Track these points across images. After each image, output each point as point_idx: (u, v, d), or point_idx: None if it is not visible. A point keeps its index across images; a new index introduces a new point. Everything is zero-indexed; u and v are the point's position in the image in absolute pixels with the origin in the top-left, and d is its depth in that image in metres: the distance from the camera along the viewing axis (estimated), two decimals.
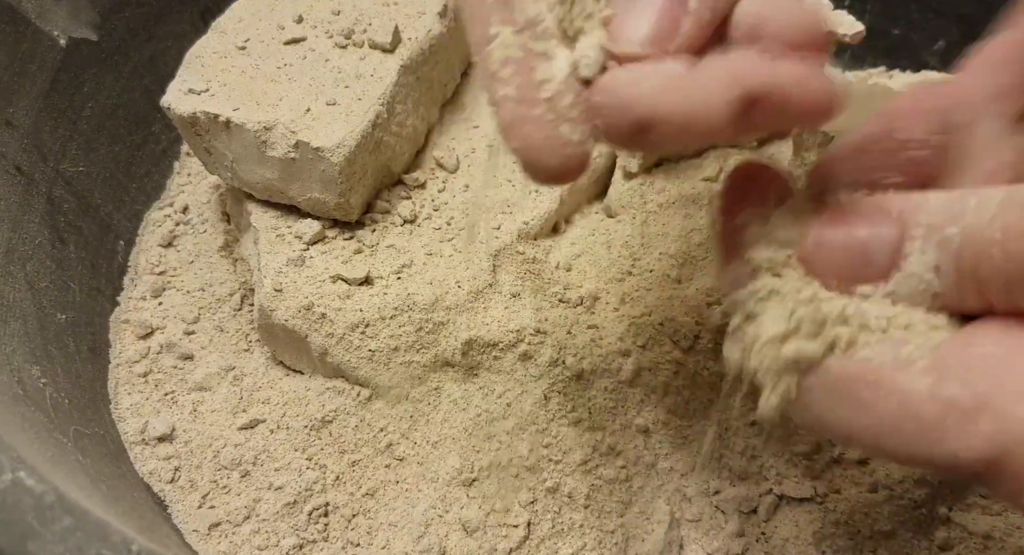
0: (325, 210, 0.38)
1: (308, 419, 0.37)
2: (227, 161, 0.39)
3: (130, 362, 0.40)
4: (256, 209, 0.40)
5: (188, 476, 0.37)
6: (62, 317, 0.39)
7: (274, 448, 0.37)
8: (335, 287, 0.37)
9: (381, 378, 0.37)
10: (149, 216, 0.47)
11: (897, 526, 0.34)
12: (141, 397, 0.39)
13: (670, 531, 0.35)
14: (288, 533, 0.35)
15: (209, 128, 0.37)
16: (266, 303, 0.37)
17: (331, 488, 0.36)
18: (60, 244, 0.41)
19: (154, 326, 0.42)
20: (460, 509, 0.35)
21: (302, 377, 0.40)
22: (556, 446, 0.36)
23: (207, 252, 0.45)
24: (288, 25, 0.41)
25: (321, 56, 0.39)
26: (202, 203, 0.47)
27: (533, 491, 0.35)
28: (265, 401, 0.38)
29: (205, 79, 0.38)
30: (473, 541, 0.34)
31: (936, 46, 0.50)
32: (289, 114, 0.37)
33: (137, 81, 0.47)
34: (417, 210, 0.40)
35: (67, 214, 0.42)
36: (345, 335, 0.37)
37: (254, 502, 0.35)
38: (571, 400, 0.36)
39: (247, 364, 0.40)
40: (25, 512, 0.21)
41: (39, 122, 0.41)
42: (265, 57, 0.39)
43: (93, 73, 0.44)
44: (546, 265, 0.39)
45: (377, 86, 0.38)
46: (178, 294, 0.43)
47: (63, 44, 0.42)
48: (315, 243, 0.39)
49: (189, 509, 0.36)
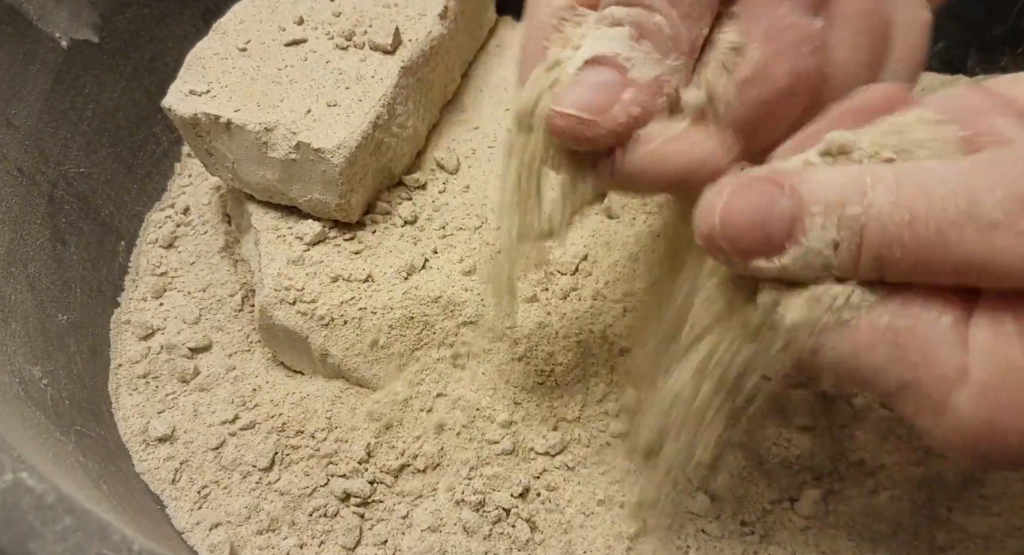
0: (326, 211, 0.38)
1: (308, 420, 0.37)
2: (228, 162, 0.39)
3: (131, 363, 0.41)
4: (257, 210, 0.40)
5: (188, 476, 0.37)
6: (63, 318, 0.39)
7: (274, 449, 0.37)
8: (336, 288, 0.37)
9: (381, 379, 0.37)
10: (150, 217, 0.47)
11: (897, 527, 0.34)
12: (142, 397, 0.39)
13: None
14: (288, 533, 0.35)
15: (210, 129, 0.38)
16: (267, 304, 0.37)
17: (331, 489, 0.36)
18: (61, 245, 0.41)
19: (155, 327, 0.42)
20: (461, 510, 0.35)
21: (303, 378, 0.40)
22: (543, 442, 0.36)
23: (208, 253, 0.45)
24: (289, 27, 0.41)
25: (322, 58, 0.39)
26: (203, 204, 0.47)
27: (525, 479, 0.35)
28: (266, 402, 0.38)
29: (206, 80, 0.38)
30: (474, 541, 0.34)
31: (936, 47, 0.50)
32: (290, 115, 0.37)
33: (138, 82, 0.47)
34: (418, 211, 0.40)
35: (68, 215, 0.42)
36: (346, 336, 0.37)
37: (254, 502, 0.36)
38: (571, 399, 0.36)
39: (248, 365, 0.40)
40: (26, 512, 0.22)
41: (40, 123, 0.41)
42: (266, 59, 0.39)
43: (94, 74, 0.44)
44: (546, 266, 0.40)
45: (378, 87, 0.38)
46: (179, 295, 0.43)
47: (64, 45, 0.42)
48: (316, 244, 0.39)
49: (189, 509, 0.36)
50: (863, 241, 0.18)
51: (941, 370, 0.19)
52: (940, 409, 0.19)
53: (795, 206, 0.19)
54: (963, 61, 0.49)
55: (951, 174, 0.18)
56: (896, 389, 0.19)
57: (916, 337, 0.19)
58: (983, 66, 0.48)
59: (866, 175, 0.19)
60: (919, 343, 0.19)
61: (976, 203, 0.17)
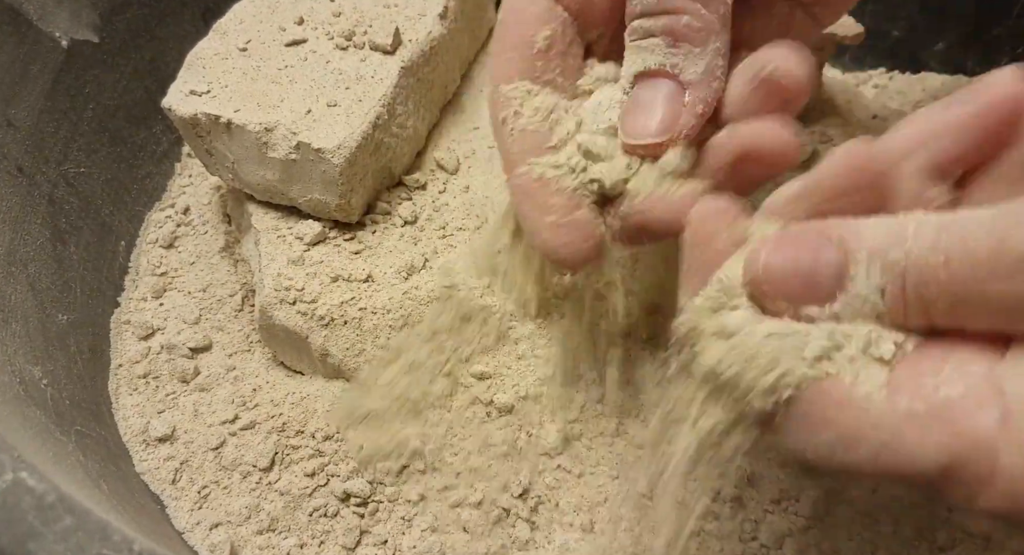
0: (326, 211, 0.38)
1: (308, 420, 0.37)
2: (228, 162, 0.39)
3: (131, 363, 0.41)
4: (257, 210, 0.40)
5: (189, 476, 0.37)
6: (63, 318, 0.39)
7: (274, 449, 0.37)
8: (336, 288, 0.37)
9: (382, 380, 0.37)
10: (150, 217, 0.47)
11: (897, 527, 0.34)
12: (142, 397, 0.39)
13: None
14: (289, 533, 0.35)
15: (210, 129, 0.38)
16: (267, 304, 0.37)
17: (331, 489, 0.36)
18: (61, 245, 0.41)
19: (155, 327, 0.42)
20: (461, 510, 0.35)
21: (303, 378, 0.40)
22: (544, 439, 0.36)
23: (208, 253, 0.45)
24: (289, 27, 0.41)
25: (322, 58, 0.39)
26: (203, 204, 0.47)
27: (526, 477, 0.35)
28: (266, 402, 0.38)
29: (206, 80, 0.38)
30: (474, 541, 0.34)
31: (936, 47, 0.50)
32: (290, 115, 0.37)
33: (138, 82, 0.47)
34: (418, 211, 0.40)
35: (68, 215, 0.42)
36: (346, 336, 0.37)
37: (255, 502, 0.36)
38: (570, 399, 0.36)
39: (248, 365, 0.40)
40: (26, 512, 0.22)
41: (41, 123, 0.41)
42: (266, 59, 0.39)
43: (94, 74, 0.44)
44: (546, 266, 0.40)
45: (378, 88, 0.38)
46: (179, 295, 0.43)
47: (65, 45, 0.42)
48: (316, 244, 0.39)
49: (190, 509, 0.36)
50: (906, 285, 0.19)
51: (980, 428, 0.18)
52: (989, 479, 0.18)
53: (841, 254, 0.20)
54: (963, 61, 0.49)
55: (986, 218, 0.18)
56: (937, 472, 0.18)
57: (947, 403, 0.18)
58: (983, 66, 0.48)
59: (909, 224, 0.19)
60: (949, 403, 0.18)
61: (1004, 240, 0.17)
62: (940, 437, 0.18)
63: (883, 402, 0.19)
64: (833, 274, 0.20)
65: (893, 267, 0.19)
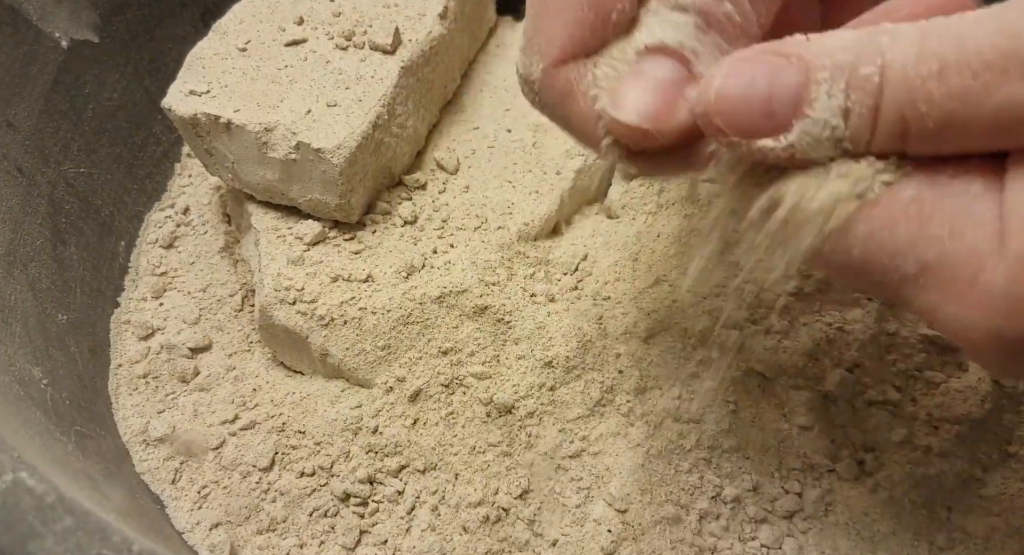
0: (326, 211, 0.38)
1: (308, 420, 0.37)
2: (228, 162, 0.39)
3: (131, 363, 0.41)
4: (257, 210, 0.40)
5: (188, 476, 0.37)
6: (63, 318, 0.39)
7: (274, 449, 0.37)
8: (336, 288, 0.37)
9: (381, 379, 0.37)
10: (150, 217, 0.47)
11: (897, 527, 0.34)
12: (142, 398, 0.39)
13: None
14: (288, 533, 0.35)
15: (210, 129, 0.38)
16: (267, 304, 0.37)
17: (331, 489, 0.36)
18: (61, 245, 0.41)
19: (155, 327, 0.42)
20: (461, 510, 0.35)
21: (303, 378, 0.40)
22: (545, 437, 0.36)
23: (208, 253, 0.45)
24: (289, 27, 0.41)
25: (322, 58, 0.39)
26: (203, 204, 0.47)
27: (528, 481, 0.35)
28: (266, 402, 0.38)
29: (206, 81, 0.38)
30: (474, 541, 0.34)
31: None
32: (290, 115, 0.37)
33: (138, 83, 0.47)
34: (417, 211, 0.40)
35: (68, 215, 0.42)
36: (346, 336, 0.37)
37: (254, 502, 0.36)
38: (570, 399, 0.36)
39: (248, 365, 0.41)
40: (26, 512, 0.22)
41: (40, 123, 0.41)
42: (266, 59, 0.39)
43: (94, 74, 0.44)
44: (547, 266, 0.40)
45: (378, 88, 0.38)
46: (179, 295, 0.43)
47: (64, 46, 0.42)
48: (316, 244, 0.39)
49: (189, 509, 0.36)
50: (881, 103, 0.17)
51: (971, 241, 0.16)
52: (967, 286, 0.17)
53: (801, 74, 0.17)
54: None
55: (987, 16, 0.16)
56: (915, 273, 0.17)
57: (943, 209, 0.17)
58: None
59: (882, 34, 0.17)
60: (946, 215, 0.17)
61: (1020, 35, 0.15)
62: (937, 231, 0.17)
63: (884, 193, 0.17)
64: (790, 98, 0.17)
65: (863, 84, 0.16)
